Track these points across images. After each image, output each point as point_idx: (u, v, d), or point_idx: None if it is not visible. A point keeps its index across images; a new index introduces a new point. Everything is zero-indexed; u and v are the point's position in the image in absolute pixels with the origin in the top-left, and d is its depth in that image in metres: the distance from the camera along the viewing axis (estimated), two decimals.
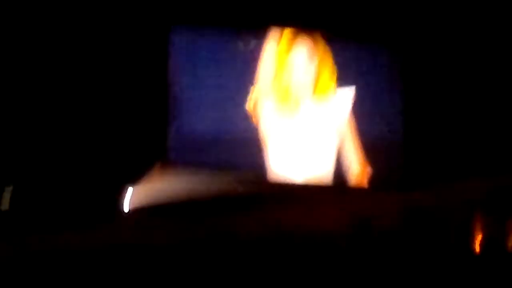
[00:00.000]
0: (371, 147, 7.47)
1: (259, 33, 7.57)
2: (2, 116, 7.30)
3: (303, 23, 7.51)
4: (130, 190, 7.31)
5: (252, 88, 7.40)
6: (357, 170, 7.41)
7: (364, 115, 7.51)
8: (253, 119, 7.38)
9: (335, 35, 7.56)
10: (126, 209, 7.26)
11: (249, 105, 7.39)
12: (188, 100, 7.43)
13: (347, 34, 7.59)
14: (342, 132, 7.41)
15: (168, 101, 7.38)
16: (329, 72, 7.48)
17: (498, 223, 6.95)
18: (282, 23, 7.52)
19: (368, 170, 7.40)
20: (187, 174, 7.29)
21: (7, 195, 7.18)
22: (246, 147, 7.41)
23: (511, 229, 6.90)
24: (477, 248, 6.85)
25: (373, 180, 7.43)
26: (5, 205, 7.16)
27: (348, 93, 7.47)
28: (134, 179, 7.31)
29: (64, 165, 7.28)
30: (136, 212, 7.23)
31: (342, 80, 7.50)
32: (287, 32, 7.56)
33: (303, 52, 7.53)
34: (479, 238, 6.89)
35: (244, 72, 7.51)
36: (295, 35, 7.58)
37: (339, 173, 7.44)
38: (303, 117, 7.47)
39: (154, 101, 7.35)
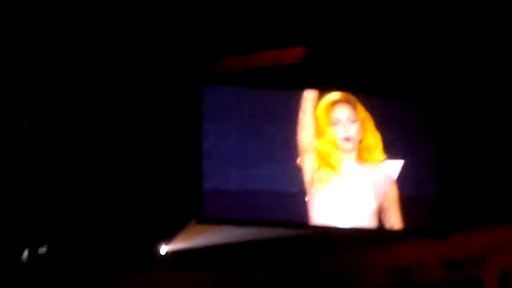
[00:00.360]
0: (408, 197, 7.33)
1: (293, 93, 7.21)
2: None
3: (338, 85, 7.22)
4: (166, 245, 7.53)
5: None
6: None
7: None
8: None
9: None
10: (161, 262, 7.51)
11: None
12: (223, 157, 7.15)
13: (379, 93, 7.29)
14: (385, 194, 7.31)
15: (203, 158, 7.08)
16: (373, 138, 7.19)
17: None
18: (317, 86, 7.17)
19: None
20: (222, 230, 7.48)
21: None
22: (281, 202, 7.17)
23: None
24: None
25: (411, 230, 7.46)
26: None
27: (396, 164, 7.21)
28: (170, 235, 7.52)
29: (107, 222, 7.48)
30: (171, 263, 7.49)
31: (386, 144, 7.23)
32: (326, 94, 7.21)
33: (343, 112, 7.19)
34: None
35: (278, 130, 7.18)
36: (334, 97, 7.23)
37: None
38: (346, 177, 7.25)
39: (190, 157, 7.13)
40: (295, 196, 7.16)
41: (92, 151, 7.45)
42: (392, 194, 7.21)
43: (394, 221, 7.21)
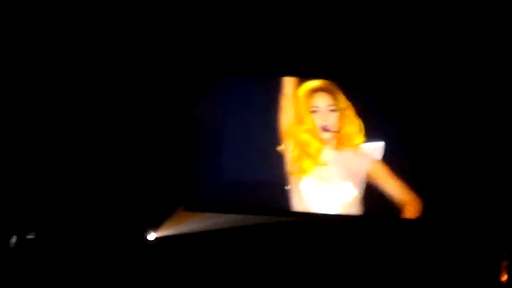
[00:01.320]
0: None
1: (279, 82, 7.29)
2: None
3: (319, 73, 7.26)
4: (154, 231, 7.56)
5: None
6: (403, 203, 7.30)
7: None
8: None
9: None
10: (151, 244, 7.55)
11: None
12: (213, 144, 7.43)
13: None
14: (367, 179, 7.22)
15: (194, 145, 7.44)
16: (354, 126, 7.20)
17: None
18: (299, 74, 7.25)
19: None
20: (211, 215, 7.52)
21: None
22: (269, 189, 7.36)
23: None
24: (505, 281, 7.24)
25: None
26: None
27: (375, 146, 7.17)
28: (159, 221, 7.54)
29: (95, 208, 7.56)
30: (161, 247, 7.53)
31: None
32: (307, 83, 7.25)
33: (323, 100, 7.21)
34: (507, 270, 7.24)
35: (266, 118, 7.31)
36: (315, 86, 7.25)
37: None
38: (325, 166, 7.27)
39: (181, 145, 7.46)
40: (277, 185, 7.33)
41: (81, 137, 7.55)
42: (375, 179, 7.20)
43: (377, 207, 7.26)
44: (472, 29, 7.04)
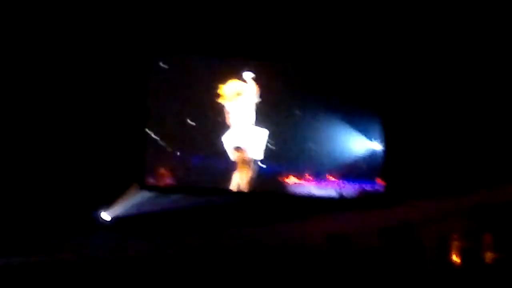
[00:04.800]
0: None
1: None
2: None
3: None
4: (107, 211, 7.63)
5: None
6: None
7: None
8: None
9: None
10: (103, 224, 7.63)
11: None
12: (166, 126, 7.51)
13: None
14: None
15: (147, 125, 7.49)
16: None
17: (476, 236, 7.25)
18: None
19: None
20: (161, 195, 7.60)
21: None
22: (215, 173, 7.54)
23: (487, 242, 7.23)
24: (456, 261, 7.26)
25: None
26: None
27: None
28: (111, 198, 7.63)
29: (49, 187, 7.59)
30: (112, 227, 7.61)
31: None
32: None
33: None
34: (458, 251, 7.25)
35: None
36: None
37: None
38: None
39: (135, 125, 7.52)
40: (225, 169, 7.52)
41: (34, 116, 7.55)
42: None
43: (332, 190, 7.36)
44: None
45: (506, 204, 7.21)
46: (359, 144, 7.55)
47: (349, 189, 7.48)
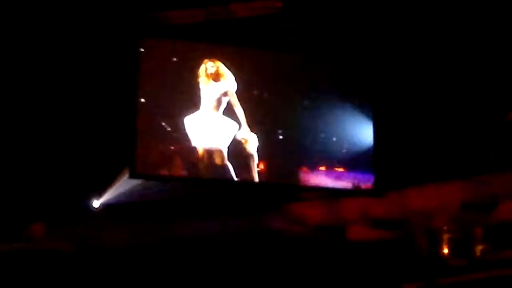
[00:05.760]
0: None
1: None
2: None
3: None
4: (98, 198, 7.46)
5: None
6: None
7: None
8: None
9: None
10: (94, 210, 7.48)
11: None
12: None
13: None
14: None
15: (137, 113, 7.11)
16: None
17: (466, 230, 7.33)
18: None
19: None
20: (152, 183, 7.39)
21: None
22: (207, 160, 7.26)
23: (478, 235, 7.32)
24: (446, 254, 7.36)
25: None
26: None
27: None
28: (102, 188, 7.44)
29: (39, 173, 7.34)
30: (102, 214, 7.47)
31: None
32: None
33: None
34: (448, 243, 7.35)
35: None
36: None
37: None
38: None
39: (125, 112, 7.13)
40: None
41: (26, 101, 7.24)
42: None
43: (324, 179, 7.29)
44: None
45: (497, 197, 7.22)
46: (352, 135, 7.44)
47: (343, 180, 7.39)
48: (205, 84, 7.17)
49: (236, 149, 7.21)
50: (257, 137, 7.24)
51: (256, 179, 7.20)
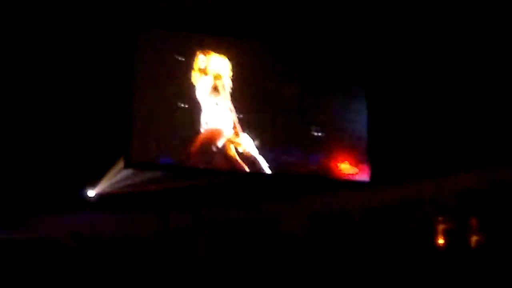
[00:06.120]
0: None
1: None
2: None
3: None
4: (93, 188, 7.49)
5: None
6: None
7: None
8: None
9: None
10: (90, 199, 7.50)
11: None
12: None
13: None
14: None
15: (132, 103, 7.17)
16: None
17: (461, 219, 7.32)
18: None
19: None
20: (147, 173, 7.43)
21: None
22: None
23: (473, 225, 7.30)
24: (441, 244, 7.34)
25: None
26: None
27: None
28: (97, 178, 7.48)
29: (36, 163, 7.39)
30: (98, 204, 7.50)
31: None
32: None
33: None
34: (442, 233, 7.33)
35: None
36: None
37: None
38: None
39: (119, 102, 7.19)
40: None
41: (22, 93, 7.28)
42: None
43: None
44: None
45: (492, 187, 7.20)
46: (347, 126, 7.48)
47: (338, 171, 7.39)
48: (198, 77, 7.18)
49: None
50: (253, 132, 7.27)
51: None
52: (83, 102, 7.25)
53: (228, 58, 7.27)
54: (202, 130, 7.14)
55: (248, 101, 7.31)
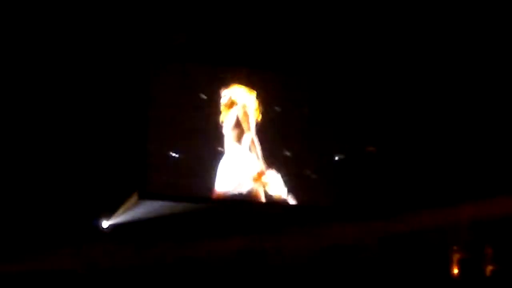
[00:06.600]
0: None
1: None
2: None
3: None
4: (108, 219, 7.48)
5: None
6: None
7: None
8: None
9: None
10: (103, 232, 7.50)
11: None
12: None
13: None
14: None
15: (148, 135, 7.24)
16: None
17: (476, 248, 7.31)
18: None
19: None
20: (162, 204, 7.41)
21: None
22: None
23: (488, 254, 7.29)
24: (456, 273, 7.34)
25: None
26: None
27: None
28: (112, 206, 7.45)
29: (49, 194, 7.39)
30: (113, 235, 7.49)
31: None
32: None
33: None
34: (457, 263, 7.33)
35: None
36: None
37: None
38: None
39: (136, 134, 7.24)
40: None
41: (34, 123, 7.32)
42: None
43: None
44: None
45: (506, 216, 7.21)
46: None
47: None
48: (224, 114, 7.25)
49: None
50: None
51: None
52: (99, 133, 7.31)
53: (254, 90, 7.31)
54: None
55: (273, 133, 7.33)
